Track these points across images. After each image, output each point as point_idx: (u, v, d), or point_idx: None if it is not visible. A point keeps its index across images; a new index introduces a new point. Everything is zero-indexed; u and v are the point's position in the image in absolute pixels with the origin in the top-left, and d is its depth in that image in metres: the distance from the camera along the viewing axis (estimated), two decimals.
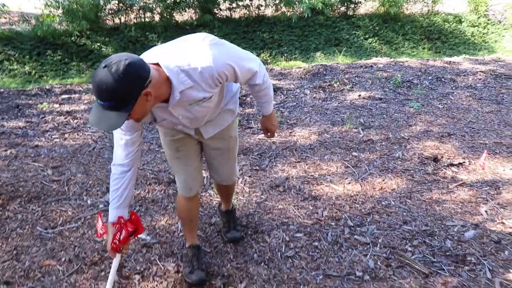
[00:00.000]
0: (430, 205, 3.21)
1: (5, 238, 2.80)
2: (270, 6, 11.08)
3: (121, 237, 2.01)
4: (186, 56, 1.73)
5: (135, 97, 1.57)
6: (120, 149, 1.97)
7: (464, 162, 3.88)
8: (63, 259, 2.63)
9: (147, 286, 2.40)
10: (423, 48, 10.15)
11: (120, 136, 1.95)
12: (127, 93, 1.55)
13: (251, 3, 10.98)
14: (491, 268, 2.51)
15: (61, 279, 2.45)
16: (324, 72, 6.70)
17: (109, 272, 2.43)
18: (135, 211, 3.07)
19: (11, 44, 7.82)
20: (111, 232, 2.04)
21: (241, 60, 1.88)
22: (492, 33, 11.40)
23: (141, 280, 2.45)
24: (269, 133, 2.44)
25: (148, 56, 1.74)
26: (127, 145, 1.96)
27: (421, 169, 3.75)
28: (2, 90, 5.85)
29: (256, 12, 10.97)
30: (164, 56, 1.72)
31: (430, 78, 6.54)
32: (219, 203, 2.96)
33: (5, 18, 8.81)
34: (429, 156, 3.97)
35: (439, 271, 2.51)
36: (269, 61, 8.29)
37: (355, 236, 2.84)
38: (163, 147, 2.38)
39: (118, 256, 2.12)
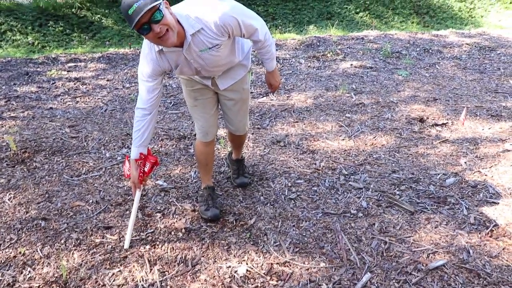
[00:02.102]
0: (416, 158, 3.57)
1: (36, 184, 3.11)
2: None
3: (146, 168, 2.40)
4: (198, 7, 2.07)
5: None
6: (142, 95, 2.30)
7: (447, 122, 4.24)
8: (90, 201, 2.95)
9: (168, 222, 2.74)
10: (412, 23, 10.45)
11: (143, 83, 2.28)
12: None
13: None
14: (467, 207, 2.88)
15: (91, 217, 2.78)
16: (318, 43, 6.99)
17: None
18: None
19: (13, 15, 7.98)
20: (135, 167, 2.40)
21: (245, 16, 2.18)
22: (479, 8, 11.73)
23: (162, 217, 2.79)
24: (272, 88, 2.73)
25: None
26: (148, 91, 2.28)
27: (408, 128, 4.10)
28: (9, 58, 6.06)
29: None
30: (178, 6, 2.09)
31: (418, 49, 6.87)
32: (229, 152, 3.29)
33: None
34: (416, 117, 4.32)
35: (423, 209, 2.87)
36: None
37: (350, 182, 3.20)
38: (184, 96, 2.69)
39: (138, 193, 2.48)
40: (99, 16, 8.52)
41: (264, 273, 2.31)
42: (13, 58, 6.07)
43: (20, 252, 2.44)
